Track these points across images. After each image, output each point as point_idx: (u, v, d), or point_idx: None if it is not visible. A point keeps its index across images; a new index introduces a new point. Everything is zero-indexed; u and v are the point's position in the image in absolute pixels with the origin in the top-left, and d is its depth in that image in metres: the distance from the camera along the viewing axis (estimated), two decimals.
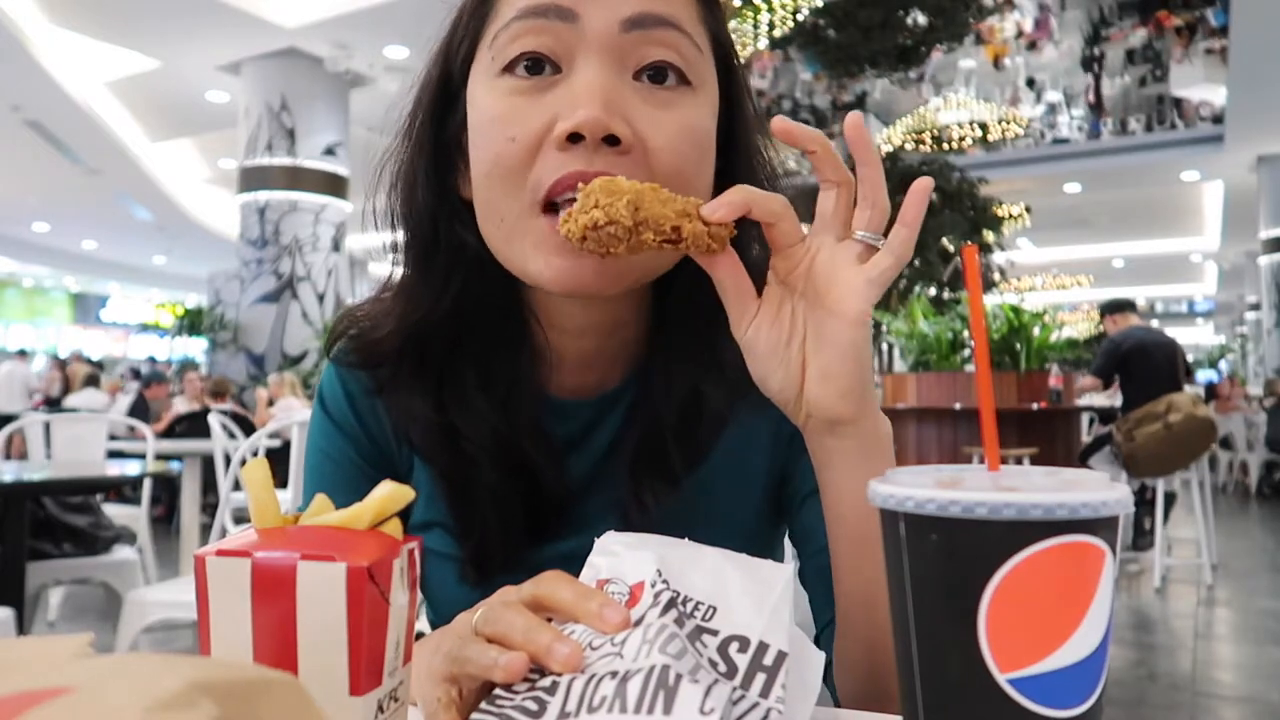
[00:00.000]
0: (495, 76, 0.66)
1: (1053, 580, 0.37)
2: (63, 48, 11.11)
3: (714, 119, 0.69)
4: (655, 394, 0.74)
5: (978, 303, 0.49)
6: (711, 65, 0.70)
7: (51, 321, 24.84)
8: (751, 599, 0.49)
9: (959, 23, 10.09)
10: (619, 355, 0.76)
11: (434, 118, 0.72)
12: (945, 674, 0.39)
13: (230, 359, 11.26)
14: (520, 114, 0.64)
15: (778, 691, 0.45)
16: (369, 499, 0.45)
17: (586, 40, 0.63)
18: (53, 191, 15.56)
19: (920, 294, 8.97)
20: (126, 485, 4.88)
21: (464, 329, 0.73)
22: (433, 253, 0.72)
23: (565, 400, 0.76)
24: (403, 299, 0.74)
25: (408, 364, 0.74)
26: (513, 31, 0.64)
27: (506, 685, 0.46)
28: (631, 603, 0.50)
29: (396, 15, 9.92)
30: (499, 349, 0.74)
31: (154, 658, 0.24)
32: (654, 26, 0.64)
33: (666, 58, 0.65)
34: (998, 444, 0.45)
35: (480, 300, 0.72)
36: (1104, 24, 14.19)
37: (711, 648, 0.47)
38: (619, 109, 0.62)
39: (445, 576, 0.78)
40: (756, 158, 0.75)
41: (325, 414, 0.79)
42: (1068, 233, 17.11)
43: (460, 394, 0.74)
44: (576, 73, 0.63)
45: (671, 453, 0.73)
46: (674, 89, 0.66)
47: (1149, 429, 5.01)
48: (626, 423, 0.76)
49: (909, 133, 12.01)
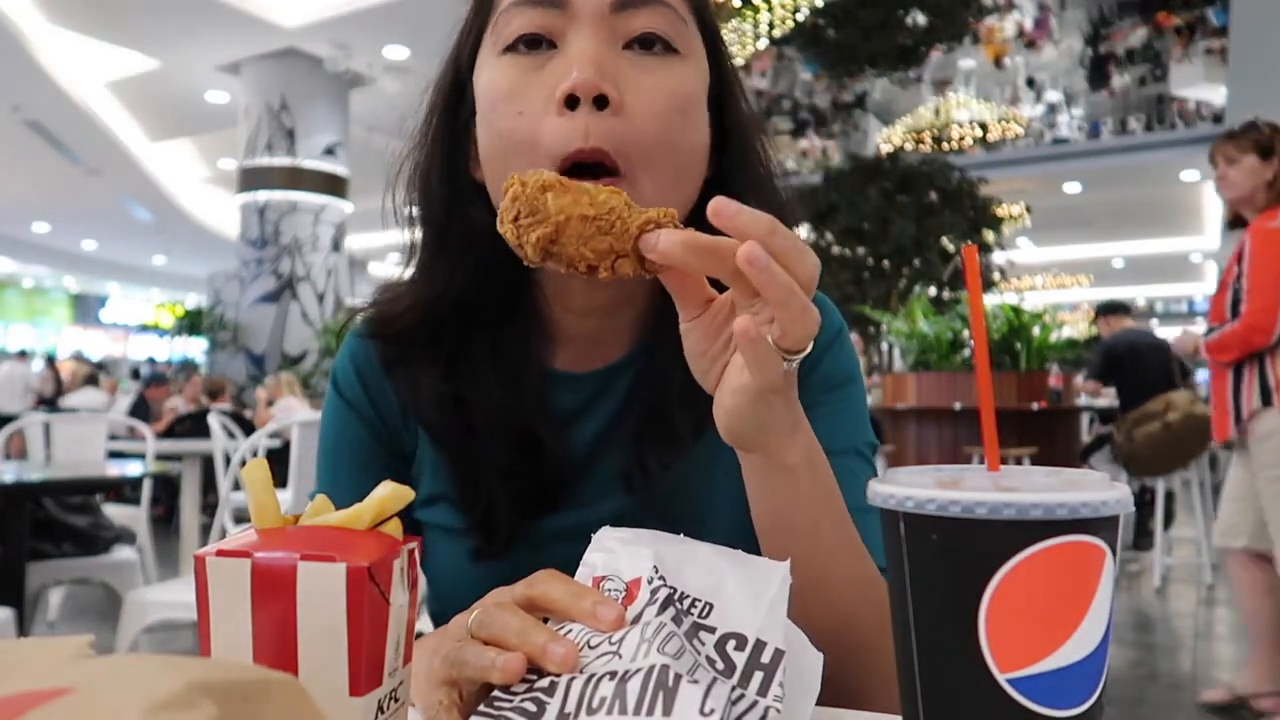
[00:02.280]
0: (498, 56, 0.71)
1: (1053, 580, 0.37)
2: (62, 48, 11.11)
3: (703, 87, 0.73)
4: (660, 363, 0.75)
5: (978, 303, 0.49)
6: (698, 37, 0.74)
7: (51, 322, 24.84)
8: (748, 596, 0.49)
9: (959, 23, 10.10)
10: (624, 330, 0.79)
11: (447, 111, 0.76)
12: (945, 674, 0.39)
13: (230, 359, 11.27)
14: (523, 88, 0.68)
15: (775, 690, 0.45)
16: (369, 499, 0.45)
17: (578, 20, 0.69)
18: (53, 191, 15.56)
19: (920, 294, 8.96)
20: (126, 485, 4.87)
21: (475, 306, 0.76)
22: (446, 234, 0.76)
23: (570, 373, 0.79)
24: (420, 279, 0.78)
25: (421, 339, 0.77)
26: (510, 14, 0.70)
27: (505, 687, 0.46)
28: (628, 599, 0.49)
29: (396, 15, 9.92)
30: (508, 325, 0.77)
31: (154, 658, 0.24)
32: (640, 5, 0.69)
33: (653, 28, 0.69)
34: (998, 444, 0.45)
35: (491, 278, 0.75)
36: (1104, 24, 14.19)
37: (709, 645, 0.47)
38: (609, 73, 0.67)
39: (451, 553, 0.78)
40: (751, 130, 0.77)
41: (338, 394, 0.82)
42: (1068, 233, 17.11)
43: (469, 367, 0.77)
44: (570, 44, 0.68)
45: (675, 417, 0.74)
46: (661, 56, 0.70)
47: (1148, 428, 5.01)
48: (630, 394, 0.78)
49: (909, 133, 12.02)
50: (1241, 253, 2.96)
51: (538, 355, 0.78)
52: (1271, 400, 2.88)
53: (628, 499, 0.76)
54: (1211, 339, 3.01)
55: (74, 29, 10.65)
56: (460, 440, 0.76)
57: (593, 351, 0.79)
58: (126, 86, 12.39)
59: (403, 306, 0.77)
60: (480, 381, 0.76)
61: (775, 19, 8.89)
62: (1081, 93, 14.92)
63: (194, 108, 12.88)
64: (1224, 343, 2.96)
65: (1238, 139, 2.98)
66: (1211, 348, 3.01)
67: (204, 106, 12.83)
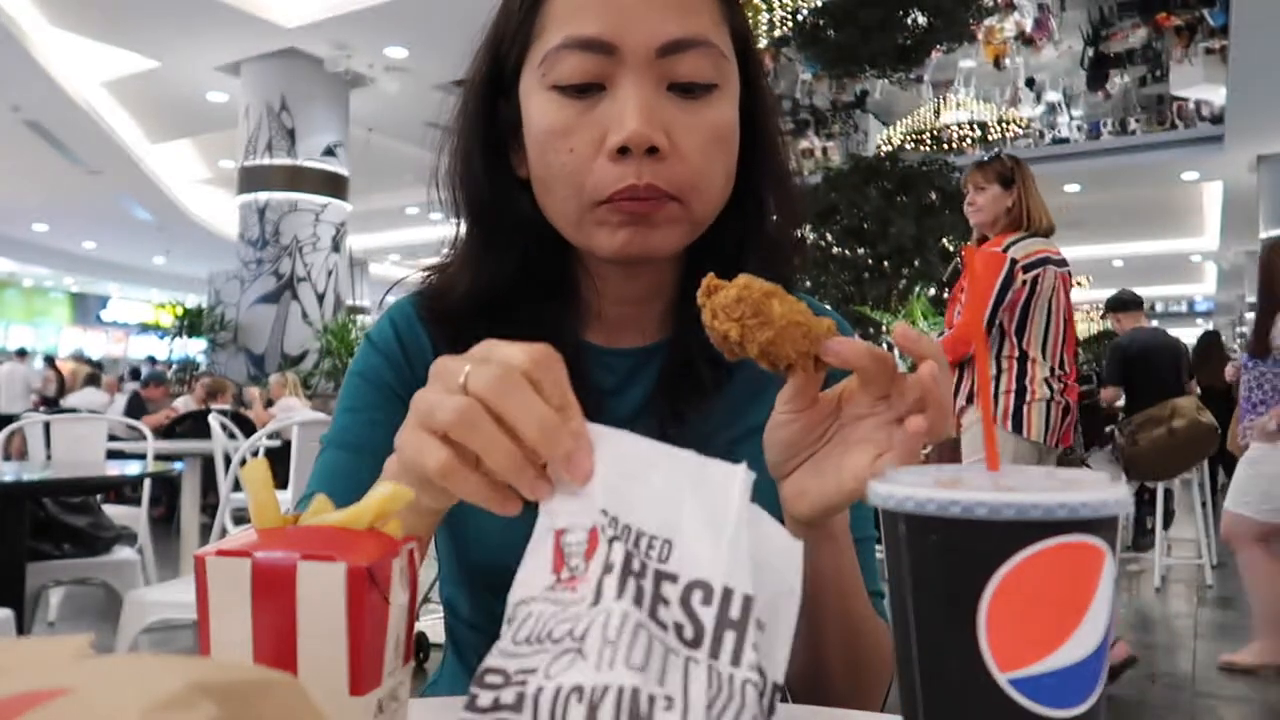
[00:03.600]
0: (547, 90, 0.73)
1: (1053, 580, 0.37)
2: (62, 48, 11.11)
3: (735, 108, 0.77)
4: (686, 337, 0.80)
5: (977, 303, 0.49)
6: (733, 60, 0.77)
7: (51, 322, 24.83)
8: (707, 526, 0.47)
9: (959, 23, 10.09)
10: (654, 319, 0.84)
11: (487, 106, 0.79)
12: (945, 674, 0.39)
13: (230, 359, 11.26)
14: (574, 128, 0.72)
15: (749, 655, 0.43)
16: (369, 499, 0.45)
17: (626, 65, 0.71)
18: (53, 191, 15.56)
19: (920, 294, 8.96)
20: (126, 485, 4.88)
21: (522, 290, 0.81)
22: (495, 226, 0.80)
23: (606, 347, 0.84)
24: (471, 267, 0.81)
25: (469, 318, 0.81)
26: (560, 55, 0.72)
27: (470, 703, 0.43)
28: (589, 552, 0.47)
29: (396, 15, 9.93)
30: (552, 306, 0.81)
31: (154, 658, 0.24)
32: (686, 50, 0.72)
33: (698, 75, 0.73)
34: (998, 444, 0.45)
35: (539, 265, 0.80)
36: (1104, 24, 14.18)
37: (674, 603, 0.45)
38: (658, 121, 0.71)
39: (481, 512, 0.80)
40: (777, 136, 0.83)
41: (369, 342, 0.85)
42: (1068, 233, 17.06)
43: (511, 332, 0.79)
44: (619, 89, 0.71)
45: (702, 373, 0.80)
46: (703, 96, 0.73)
47: (1153, 433, 4.99)
48: (661, 373, 0.83)
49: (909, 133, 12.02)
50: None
51: (575, 327, 0.83)
52: (973, 398, 3.24)
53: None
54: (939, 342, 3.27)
55: (73, 30, 10.65)
56: None
57: (627, 333, 0.84)
58: (126, 86, 12.39)
59: (456, 295, 0.81)
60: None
61: (775, 19, 8.89)
62: (1081, 93, 14.92)
63: (194, 108, 12.88)
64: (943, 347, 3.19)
65: (985, 169, 3.34)
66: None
67: (204, 106, 12.83)
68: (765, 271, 0.79)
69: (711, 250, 0.80)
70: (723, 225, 0.78)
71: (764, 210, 0.81)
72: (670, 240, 0.74)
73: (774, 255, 0.82)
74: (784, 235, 0.84)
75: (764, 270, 0.79)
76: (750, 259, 0.79)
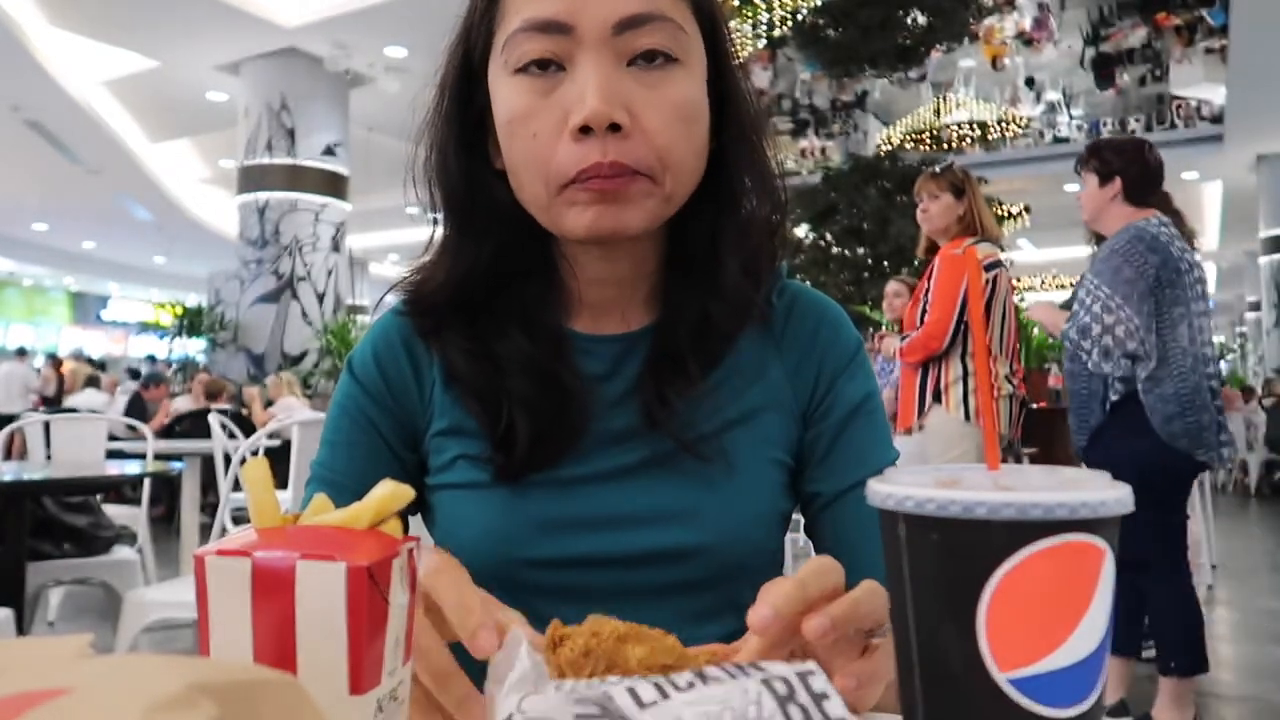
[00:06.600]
0: (510, 76, 0.75)
1: (1052, 580, 0.37)
2: (62, 48, 11.11)
3: (703, 85, 0.77)
4: (670, 320, 0.82)
5: (977, 303, 0.49)
6: (698, 36, 0.77)
7: (51, 321, 24.83)
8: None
9: (959, 23, 10.10)
10: (640, 303, 0.85)
11: (459, 97, 0.80)
12: (945, 674, 0.39)
13: (230, 359, 11.26)
14: (536, 111, 0.73)
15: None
16: (368, 499, 0.45)
17: (584, 45, 0.72)
18: (53, 191, 15.56)
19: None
20: (126, 485, 4.88)
21: (502, 278, 0.82)
22: (470, 213, 0.81)
23: (590, 334, 0.84)
24: (448, 255, 0.83)
25: (451, 308, 0.83)
26: (519, 39, 0.73)
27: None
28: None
29: (396, 15, 9.93)
30: (533, 294, 0.82)
31: (154, 658, 0.24)
32: (643, 24, 0.72)
33: (655, 45, 0.73)
34: (998, 443, 0.45)
35: (516, 251, 0.81)
36: (1104, 23, 14.18)
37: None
38: (618, 98, 0.71)
39: (472, 500, 0.80)
40: (750, 117, 0.82)
41: (350, 373, 0.86)
42: (1068, 233, 17.10)
43: (495, 322, 0.82)
44: (578, 69, 0.72)
45: (688, 357, 0.80)
46: (663, 67, 0.74)
47: None
48: (648, 358, 0.83)
49: (909, 133, 12.02)
50: (931, 273, 3.47)
51: (558, 315, 0.83)
52: (940, 398, 3.39)
53: (650, 438, 0.79)
54: (905, 343, 3.52)
55: (73, 29, 10.65)
56: (485, 378, 0.80)
57: (611, 319, 0.84)
58: (126, 86, 12.39)
59: (434, 285, 0.82)
60: (506, 334, 0.81)
61: (775, 19, 8.89)
62: (1081, 93, 14.92)
63: (194, 107, 12.88)
64: (913, 346, 3.47)
65: (938, 179, 3.49)
66: (904, 351, 3.52)
67: (204, 106, 12.83)
68: (742, 254, 0.81)
69: (688, 233, 0.81)
70: (699, 208, 0.79)
71: (738, 192, 0.81)
72: (641, 216, 0.74)
73: (751, 238, 0.82)
74: (762, 218, 0.83)
75: (741, 253, 0.81)
76: (726, 242, 0.81)
